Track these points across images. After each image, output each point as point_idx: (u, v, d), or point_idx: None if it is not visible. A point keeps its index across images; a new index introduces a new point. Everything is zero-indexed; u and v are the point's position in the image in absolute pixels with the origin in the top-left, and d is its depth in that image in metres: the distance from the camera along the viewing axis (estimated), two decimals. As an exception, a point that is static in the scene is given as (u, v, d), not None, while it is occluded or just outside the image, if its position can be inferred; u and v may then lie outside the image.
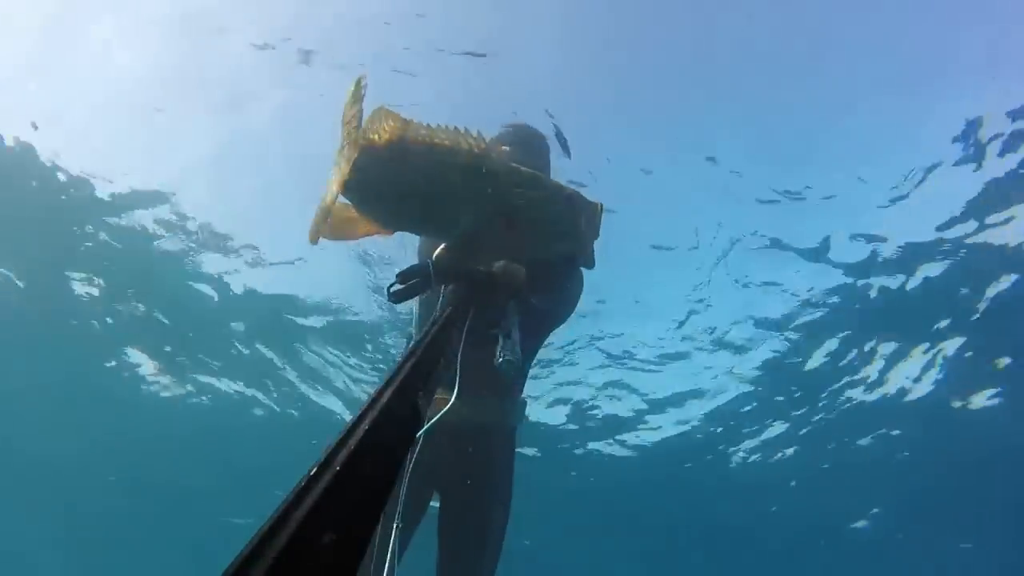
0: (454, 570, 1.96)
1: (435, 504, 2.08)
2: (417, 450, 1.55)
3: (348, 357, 8.42)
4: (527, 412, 2.25)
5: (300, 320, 7.93)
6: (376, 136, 1.35)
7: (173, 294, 7.71)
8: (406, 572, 1.46)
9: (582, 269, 1.92)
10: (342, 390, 9.04)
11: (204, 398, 9.67)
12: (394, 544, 1.35)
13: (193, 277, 7.45)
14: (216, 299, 7.73)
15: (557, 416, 9.02)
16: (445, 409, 1.40)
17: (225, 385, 9.29)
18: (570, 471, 10.37)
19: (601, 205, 1.61)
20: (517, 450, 2.17)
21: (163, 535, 14.03)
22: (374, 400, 0.56)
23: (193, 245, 7.03)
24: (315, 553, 0.41)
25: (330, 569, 0.41)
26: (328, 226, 1.49)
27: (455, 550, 1.97)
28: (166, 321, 8.21)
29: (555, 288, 1.90)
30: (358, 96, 1.34)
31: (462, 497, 2.01)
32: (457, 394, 1.47)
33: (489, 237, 1.53)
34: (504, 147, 2.16)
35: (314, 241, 1.42)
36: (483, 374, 1.55)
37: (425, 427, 1.25)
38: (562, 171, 4.78)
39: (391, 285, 1.48)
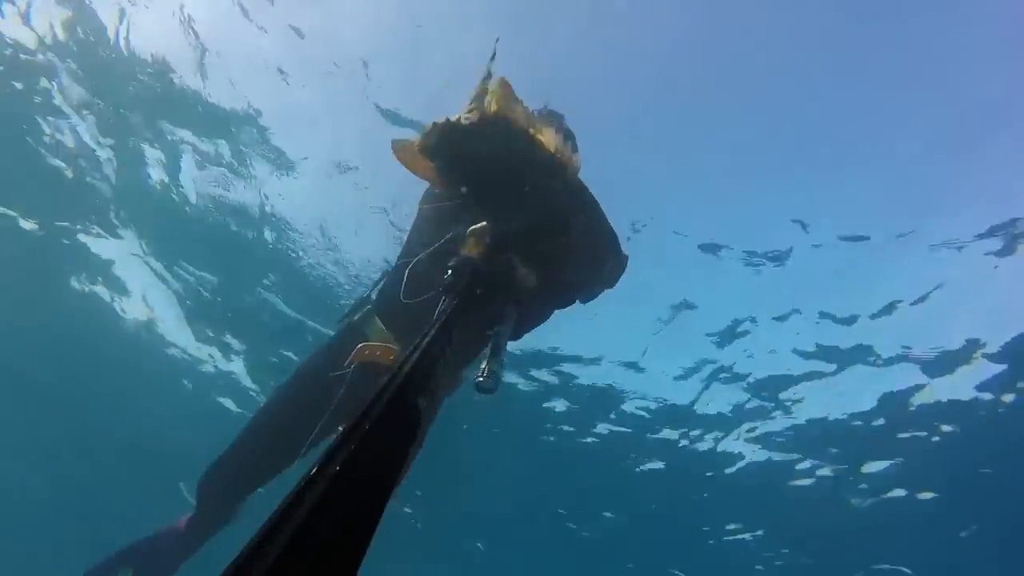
0: None
1: None
2: (345, 391, 1.63)
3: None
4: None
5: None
6: (475, 111, 1.43)
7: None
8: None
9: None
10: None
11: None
12: None
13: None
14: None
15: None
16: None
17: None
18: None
19: (626, 257, 1.62)
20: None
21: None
22: (374, 400, 0.57)
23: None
24: (315, 553, 0.42)
25: (330, 569, 0.42)
26: (406, 152, 1.59)
27: None
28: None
29: (551, 304, 1.89)
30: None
31: None
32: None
33: (524, 239, 1.53)
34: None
35: (396, 152, 1.59)
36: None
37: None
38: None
39: (446, 275, 1.42)
